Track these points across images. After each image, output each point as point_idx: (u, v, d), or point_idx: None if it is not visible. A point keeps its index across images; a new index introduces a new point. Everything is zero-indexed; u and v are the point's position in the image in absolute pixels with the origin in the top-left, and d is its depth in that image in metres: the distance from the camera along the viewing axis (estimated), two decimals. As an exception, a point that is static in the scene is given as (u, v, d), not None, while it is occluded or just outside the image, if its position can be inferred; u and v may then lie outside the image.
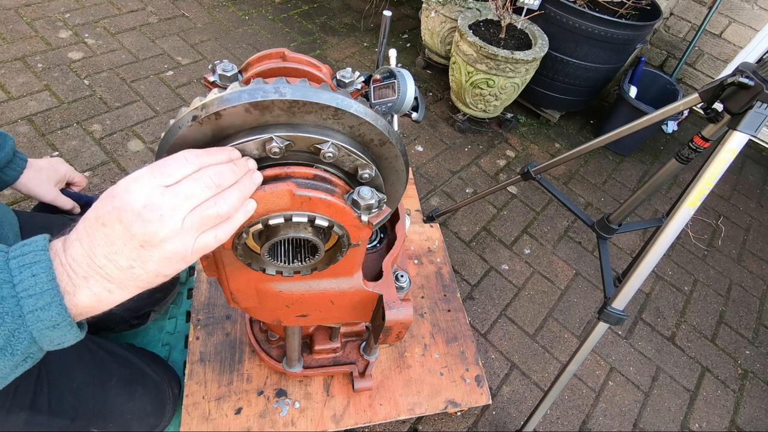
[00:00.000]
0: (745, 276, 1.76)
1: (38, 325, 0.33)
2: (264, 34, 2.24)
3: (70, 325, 0.35)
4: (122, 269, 0.35)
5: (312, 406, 1.00)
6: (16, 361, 0.35)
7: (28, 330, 0.33)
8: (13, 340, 0.33)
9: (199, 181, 0.35)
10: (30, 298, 0.33)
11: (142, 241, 0.34)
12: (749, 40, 2.24)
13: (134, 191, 0.33)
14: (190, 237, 0.35)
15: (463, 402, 1.06)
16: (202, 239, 0.36)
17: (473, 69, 1.73)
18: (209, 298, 1.11)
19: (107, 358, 0.85)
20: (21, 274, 0.33)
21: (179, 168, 0.35)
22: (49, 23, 1.94)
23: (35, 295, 0.33)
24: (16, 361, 0.35)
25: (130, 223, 0.33)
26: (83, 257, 0.35)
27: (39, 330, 0.34)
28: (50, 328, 0.34)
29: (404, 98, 0.56)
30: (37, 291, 0.33)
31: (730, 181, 2.18)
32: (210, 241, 0.37)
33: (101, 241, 0.34)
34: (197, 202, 0.35)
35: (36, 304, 0.33)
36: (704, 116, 0.83)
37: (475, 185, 1.80)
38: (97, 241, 0.34)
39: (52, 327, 0.34)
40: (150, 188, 0.34)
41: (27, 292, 0.33)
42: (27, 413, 0.71)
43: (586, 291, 1.55)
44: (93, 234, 0.34)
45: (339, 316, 0.66)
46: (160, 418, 0.89)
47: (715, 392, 1.40)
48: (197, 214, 0.35)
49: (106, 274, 0.35)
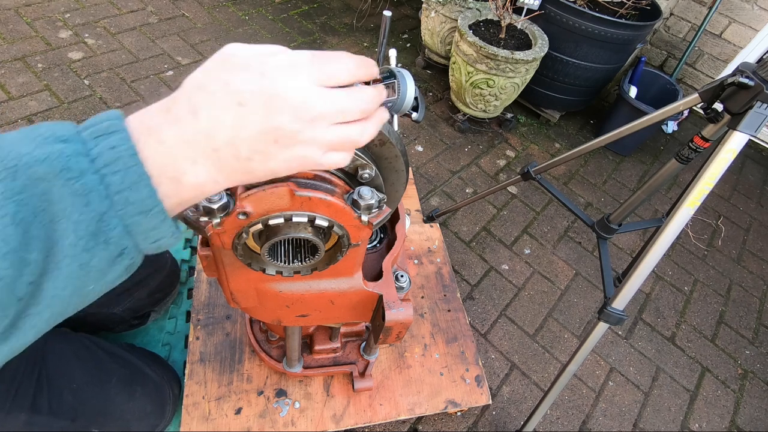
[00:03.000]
0: (745, 276, 1.76)
1: (128, 209, 0.28)
2: (264, 34, 2.24)
3: (163, 214, 0.29)
4: (239, 159, 0.30)
5: (312, 406, 1.00)
6: (112, 255, 0.29)
7: (118, 214, 0.28)
8: (104, 225, 0.27)
9: (355, 101, 0.32)
10: (114, 175, 0.27)
11: (280, 136, 0.30)
12: (749, 40, 2.24)
13: (293, 79, 0.30)
14: (321, 150, 0.32)
15: (463, 402, 1.06)
16: (332, 157, 0.33)
17: (473, 69, 1.73)
18: (209, 298, 1.11)
19: (107, 359, 0.85)
20: (97, 147, 0.27)
21: (340, 73, 0.31)
22: (49, 23, 1.95)
23: (120, 172, 0.27)
24: (111, 254, 0.29)
25: (278, 112, 0.29)
26: (199, 136, 0.29)
27: (130, 216, 0.28)
28: (141, 214, 0.28)
29: (404, 98, 0.56)
30: (121, 167, 0.27)
31: (730, 181, 2.18)
32: (338, 160, 0.34)
33: (228, 122, 0.29)
34: (345, 119, 0.32)
35: (122, 183, 0.27)
36: (704, 116, 0.83)
37: (475, 185, 1.80)
38: (223, 119, 0.29)
39: (144, 212, 0.28)
40: (309, 83, 0.30)
41: (109, 168, 0.27)
42: (27, 414, 0.70)
43: (586, 291, 1.55)
44: (220, 110, 0.29)
45: (339, 316, 0.66)
46: (161, 418, 0.89)
47: (715, 392, 1.40)
48: (342, 132, 0.32)
49: (219, 159, 0.30)
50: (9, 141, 0.27)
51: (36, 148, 0.26)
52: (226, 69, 0.31)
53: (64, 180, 0.25)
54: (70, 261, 0.26)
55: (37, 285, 0.26)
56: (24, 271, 0.25)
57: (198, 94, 0.30)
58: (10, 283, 0.25)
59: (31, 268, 0.26)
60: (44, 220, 0.25)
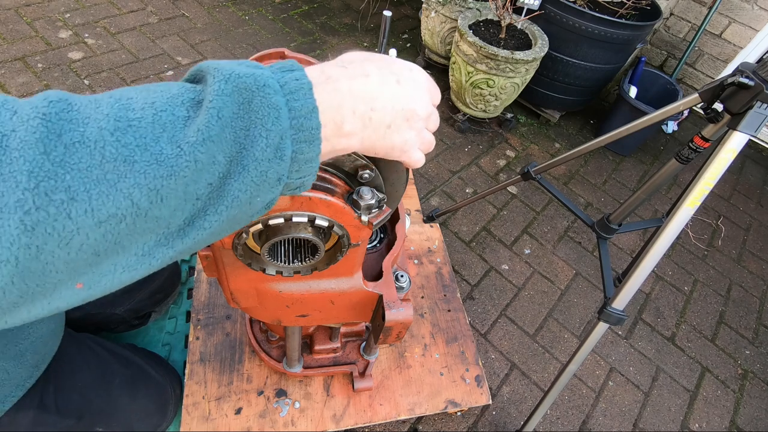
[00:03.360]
0: (745, 276, 1.76)
1: (299, 135, 0.30)
2: (264, 34, 2.24)
3: (318, 150, 0.32)
4: (383, 125, 0.36)
5: (312, 406, 1.00)
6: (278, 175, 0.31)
7: (292, 138, 0.30)
8: (283, 143, 0.30)
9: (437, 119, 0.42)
10: (296, 102, 0.30)
11: (411, 117, 0.38)
12: (749, 40, 2.24)
13: (431, 88, 0.40)
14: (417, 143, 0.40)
15: (463, 402, 1.06)
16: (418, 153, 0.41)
17: (473, 69, 1.73)
18: (209, 298, 1.11)
19: (110, 359, 0.85)
20: (284, 77, 0.31)
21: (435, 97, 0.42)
22: (49, 23, 1.95)
23: (300, 100, 0.30)
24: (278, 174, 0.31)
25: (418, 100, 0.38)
26: (366, 94, 0.35)
27: (298, 142, 0.31)
28: (306, 143, 0.31)
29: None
30: (301, 97, 0.30)
31: (730, 181, 2.18)
32: (421, 158, 0.42)
33: (388, 92, 0.36)
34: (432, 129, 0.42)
35: (301, 110, 0.30)
36: (704, 116, 0.83)
37: (475, 185, 1.80)
38: (386, 88, 0.36)
39: (308, 142, 0.31)
40: (430, 98, 0.40)
41: (293, 95, 0.30)
42: (35, 411, 0.72)
43: (586, 291, 1.55)
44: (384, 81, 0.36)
45: (339, 316, 0.66)
46: (163, 418, 0.89)
47: (715, 392, 1.40)
48: (431, 137, 0.42)
49: (370, 120, 0.35)
50: (225, 62, 0.31)
51: (243, 68, 0.30)
52: (385, 57, 0.38)
53: (264, 94, 0.29)
54: (256, 166, 0.29)
55: (216, 187, 0.28)
56: (209, 170, 0.27)
57: (368, 64, 0.36)
58: (192, 177, 0.27)
59: (215, 168, 0.28)
60: (239, 126, 0.28)
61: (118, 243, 0.26)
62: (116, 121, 0.25)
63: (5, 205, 0.22)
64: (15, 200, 0.22)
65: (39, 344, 0.71)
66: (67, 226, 0.23)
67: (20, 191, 0.22)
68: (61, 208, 0.23)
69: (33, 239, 0.22)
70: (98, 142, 0.24)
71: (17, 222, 0.22)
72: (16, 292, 0.23)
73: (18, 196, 0.22)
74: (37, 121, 0.23)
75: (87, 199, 0.23)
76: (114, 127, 0.25)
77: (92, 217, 0.24)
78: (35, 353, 0.71)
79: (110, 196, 0.24)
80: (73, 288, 0.26)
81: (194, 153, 0.26)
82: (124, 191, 0.24)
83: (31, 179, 0.22)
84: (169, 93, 0.28)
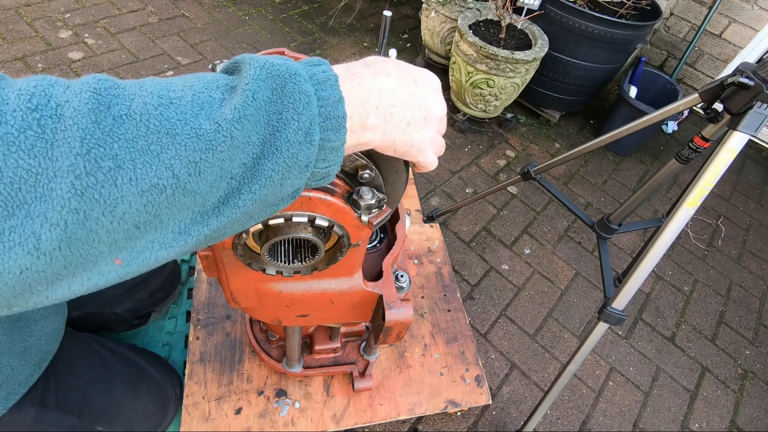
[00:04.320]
0: (745, 276, 1.76)
1: (327, 123, 0.32)
2: (264, 34, 2.24)
3: (344, 139, 0.33)
4: (402, 121, 0.38)
5: (312, 406, 1.00)
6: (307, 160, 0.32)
7: (320, 125, 0.32)
8: (312, 129, 0.31)
9: (445, 123, 0.45)
10: (324, 91, 0.32)
11: (428, 116, 0.40)
12: (749, 40, 2.24)
13: (440, 104, 0.41)
14: (430, 143, 0.42)
15: (463, 402, 1.06)
16: (432, 155, 0.43)
17: (473, 69, 1.73)
18: (209, 298, 1.11)
19: (111, 358, 0.85)
20: (312, 69, 0.33)
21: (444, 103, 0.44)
22: (49, 23, 1.94)
23: (327, 90, 0.32)
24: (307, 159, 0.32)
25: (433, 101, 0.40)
26: (388, 91, 0.37)
27: (325, 130, 0.32)
28: (333, 130, 0.32)
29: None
30: (328, 87, 0.32)
31: (730, 181, 2.18)
32: (433, 160, 0.43)
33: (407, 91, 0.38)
34: (443, 133, 0.45)
35: (329, 99, 0.32)
36: (704, 116, 0.83)
37: (475, 185, 1.80)
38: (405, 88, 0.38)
39: (335, 130, 0.32)
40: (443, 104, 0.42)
41: (321, 85, 0.32)
42: (36, 409, 0.72)
43: (586, 291, 1.55)
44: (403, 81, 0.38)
45: (339, 316, 0.66)
46: (163, 418, 0.90)
47: (715, 392, 1.40)
48: (441, 139, 0.44)
49: (391, 115, 0.37)
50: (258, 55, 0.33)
51: (275, 59, 0.31)
52: (399, 63, 0.40)
53: (295, 81, 0.30)
54: (288, 147, 0.30)
55: (250, 167, 0.29)
56: (244, 149, 0.29)
57: (386, 65, 0.38)
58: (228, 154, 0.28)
59: (249, 149, 0.29)
60: (273, 110, 0.30)
61: (157, 216, 0.27)
62: (159, 98, 0.27)
63: (59, 169, 0.23)
64: (68, 164, 0.23)
65: (43, 341, 0.71)
66: (112, 194, 0.25)
67: (73, 156, 0.23)
68: (108, 174, 0.24)
69: (81, 204, 0.24)
70: (143, 115, 0.26)
71: (69, 186, 0.23)
72: (62, 261, 0.25)
73: (71, 160, 0.23)
74: (88, 94, 0.25)
75: (132, 168, 0.25)
76: (158, 102, 0.27)
77: (136, 185, 0.25)
78: (38, 350, 0.71)
79: (153, 166, 0.26)
80: (113, 263, 0.27)
81: (231, 129, 0.28)
82: (165, 162, 0.26)
83: (83, 145, 0.24)
84: (205, 79, 0.30)
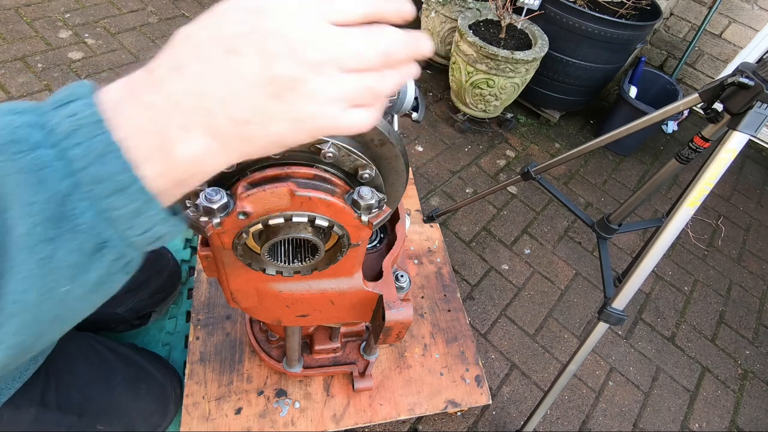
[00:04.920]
0: (745, 276, 1.76)
1: (98, 188, 0.23)
2: (264, 34, 2.24)
3: (145, 195, 0.24)
4: (237, 122, 0.25)
5: (312, 406, 1.00)
6: (86, 247, 0.24)
7: (86, 195, 0.23)
8: (68, 209, 0.22)
9: (373, 41, 0.25)
10: (76, 148, 0.22)
11: (280, 89, 0.24)
12: (749, 40, 2.24)
13: (295, 15, 0.24)
14: (337, 105, 0.26)
15: (463, 402, 1.06)
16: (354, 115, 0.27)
17: (473, 69, 1.73)
18: (209, 298, 1.11)
19: (112, 357, 0.85)
20: (56, 117, 0.23)
21: (354, 7, 0.25)
22: (49, 23, 1.94)
23: (82, 144, 0.22)
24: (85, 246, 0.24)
25: (276, 57, 0.23)
26: (186, 96, 0.24)
27: (102, 197, 0.23)
28: (116, 194, 0.23)
29: (404, 98, 0.56)
30: (82, 138, 0.23)
31: (730, 181, 2.18)
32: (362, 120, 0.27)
33: (218, 74, 0.24)
34: (362, 65, 0.25)
35: (86, 157, 0.22)
36: (704, 116, 0.83)
37: (475, 185, 1.80)
38: (212, 72, 0.24)
39: (119, 192, 0.23)
40: (317, 19, 0.24)
41: (69, 140, 0.23)
42: (36, 408, 0.72)
43: (586, 291, 1.55)
44: (207, 61, 0.24)
45: (339, 316, 0.66)
46: (164, 417, 0.89)
47: (715, 392, 1.40)
48: (359, 80, 0.26)
49: (214, 125, 0.25)
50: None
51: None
52: (221, 11, 0.25)
53: (10, 154, 0.21)
54: (27, 255, 0.22)
55: None
56: None
57: (183, 46, 0.25)
58: None
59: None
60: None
61: None
62: None
63: None
64: None
65: None
66: None
67: None
68: None
69: None
70: None
71: None
72: None
73: None
74: None
75: None
76: None
77: None
78: None
79: None
80: None
81: None
82: None
83: None
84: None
